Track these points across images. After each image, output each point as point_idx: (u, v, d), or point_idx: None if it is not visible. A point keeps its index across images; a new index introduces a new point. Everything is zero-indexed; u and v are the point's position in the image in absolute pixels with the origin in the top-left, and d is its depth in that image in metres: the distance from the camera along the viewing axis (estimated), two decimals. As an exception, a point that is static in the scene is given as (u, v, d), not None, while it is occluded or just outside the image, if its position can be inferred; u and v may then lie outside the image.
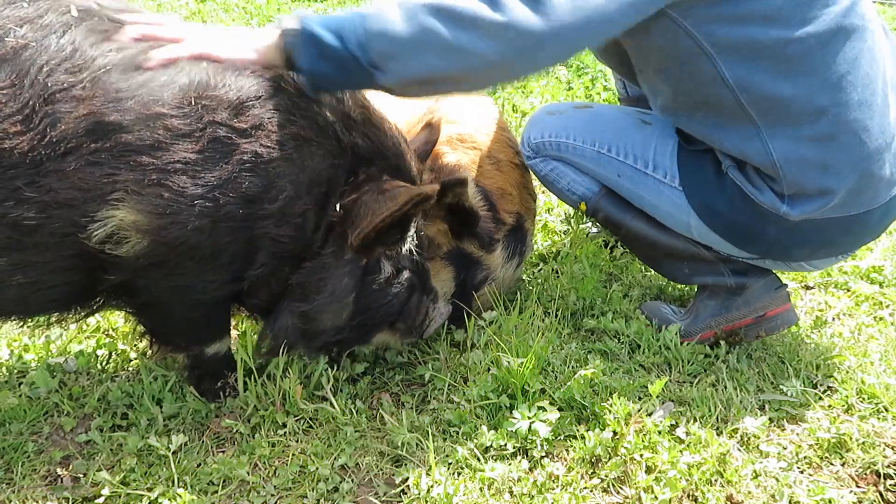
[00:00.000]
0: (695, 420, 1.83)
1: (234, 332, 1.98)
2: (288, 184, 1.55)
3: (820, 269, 2.17)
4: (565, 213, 2.80)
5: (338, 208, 1.64)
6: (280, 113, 1.52)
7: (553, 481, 1.64)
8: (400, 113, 2.07)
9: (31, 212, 1.40)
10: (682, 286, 2.41)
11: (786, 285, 2.14)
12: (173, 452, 1.67)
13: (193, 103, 1.44)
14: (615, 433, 1.71)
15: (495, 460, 1.68)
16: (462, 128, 2.22)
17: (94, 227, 1.43)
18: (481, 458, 1.68)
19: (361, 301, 1.75)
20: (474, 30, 1.42)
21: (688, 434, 1.77)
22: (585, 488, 1.63)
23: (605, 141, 2.13)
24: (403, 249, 1.79)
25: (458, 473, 1.65)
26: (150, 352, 1.90)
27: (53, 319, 1.71)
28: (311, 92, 1.58)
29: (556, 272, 2.46)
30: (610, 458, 1.68)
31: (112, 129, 1.39)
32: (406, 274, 1.83)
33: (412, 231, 1.79)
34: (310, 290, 1.68)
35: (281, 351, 1.77)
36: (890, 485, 1.70)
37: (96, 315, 1.79)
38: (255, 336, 1.92)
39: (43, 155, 1.37)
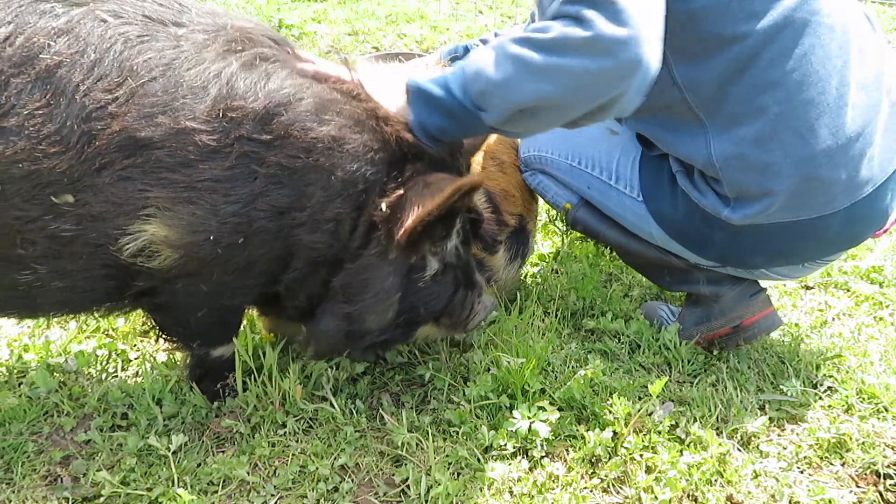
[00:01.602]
0: (695, 420, 1.83)
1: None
2: (317, 190, 1.52)
3: (790, 277, 2.09)
4: (550, 217, 2.80)
5: (383, 207, 1.57)
6: (309, 116, 1.49)
7: (553, 481, 1.64)
8: None
9: (68, 224, 1.41)
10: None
11: (764, 290, 2.10)
12: (173, 452, 1.67)
13: (222, 116, 1.42)
14: (615, 433, 1.71)
15: (495, 460, 1.68)
16: None
17: (125, 241, 1.44)
18: (481, 458, 1.68)
19: (407, 300, 1.70)
20: (564, 49, 1.43)
21: (688, 434, 1.77)
22: (585, 488, 1.63)
23: (576, 153, 2.16)
24: (449, 246, 1.74)
25: (458, 473, 1.65)
26: (155, 343, 1.90)
27: (98, 315, 1.73)
28: (431, 143, 1.62)
29: (556, 272, 2.47)
30: (610, 458, 1.68)
31: (143, 145, 1.39)
32: (452, 270, 1.78)
33: (458, 226, 1.73)
34: (353, 291, 1.63)
35: (328, 354, 1.75)
36: (890, 485, 1.70)
37: (129, 313, 1.80)
38: (256, 336, 1.92)
39: (80, 171, 1.38)
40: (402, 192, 1.58)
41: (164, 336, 1.81)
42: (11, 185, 1.37)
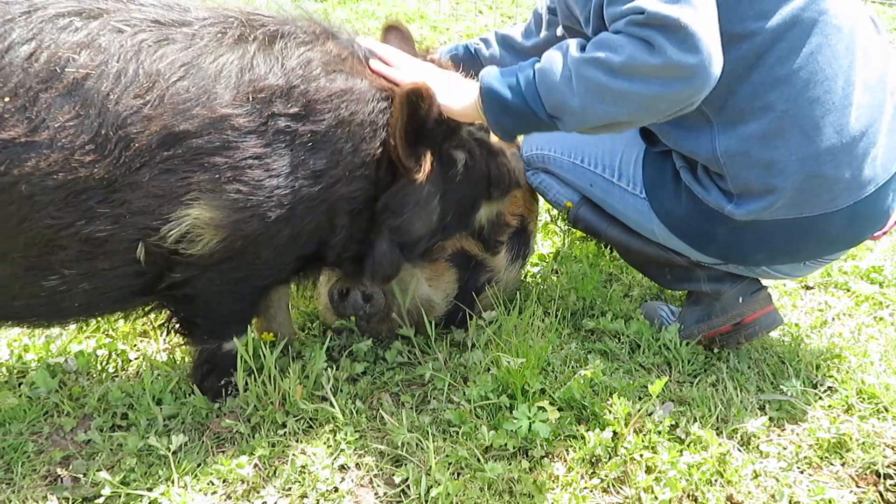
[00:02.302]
0: (695, 420, 1.83)
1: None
2: (345, 143, 1.62)
3: (790, 276, 2.10)
4: (552, 217, 2.81)
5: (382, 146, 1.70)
6: (320, 76, 1.59)
7: (553, 481, 1.64)
8: None
9: (103, 225, 1.46)
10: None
11: (765, 288, 2.11)
12: (173, 452, 1.67)
13: (252, 99, 1.51)
14: (615, 433, 1.71)
15: (495, 460, 1.68)
16: None
17: (167, 228, 1.49)
18: (481, 458, 1.68)
19: (448, 198, 1.84)
20: (636, 74, 1.47)
21: (688, 434, 1.77)
22: (585, 488, 1.63)
23: (579, 151, 2.16)
24: (464, 133, 1.84)
25: (458, 473, 1.65)
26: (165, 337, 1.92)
27: (116, 317, 1.79)
28: (506, 138, 1.74)
29: (556, 272, 2.47)
30: (610, 458, 1.68)
31: (183, 137, 1.46)
32: (477, 150, 1.89)
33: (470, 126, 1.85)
34: (396, 206, 1.76)
35: (391, 274, 1.86)
36: (890, 485, 1.70)
37: (147, 313, 1.83)
38: (257, 335, 1.92)
39: (117, 175, 1.43)
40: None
41: (180, 330, 1.84)
42: (45, 196, 1.41)
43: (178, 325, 1.83)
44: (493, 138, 1.96)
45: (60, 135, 1.38)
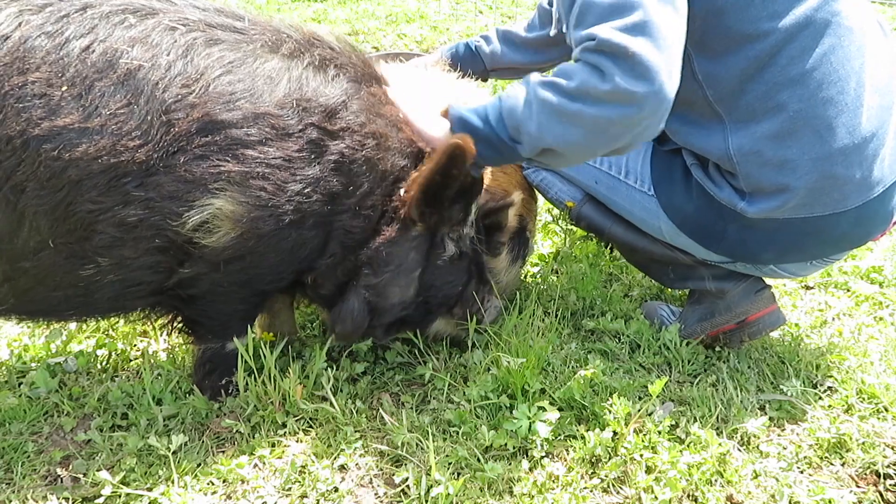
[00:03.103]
0: (695, 420, 1.83)
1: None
2: (365, 180, 1.69)
3: (796, 275, 2.11)
4: (553, 217, 2.80)
5: (402, 191, 1.75)
6: (363, 114, 1.68)
7: (553, 481, 1.64)
8: None
9: (137, 209, 1.52)
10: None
11: (769, 287, 2.12)
12: (173, 452, 1.67)
13: (295, 105, 1.58)
14: (615, 433, 1.71)
15: (495, 460, 1.68)
16: None
17: (190, 215, 1.54)
18: (481, 458, 1.68)
19: (426, 277, 1.85)
20: (586, 98, 1.53)
21: (688, 434, 1.77)
22: (585, 488, 1.63)
23: None
24: (464, 231, 1.88)
25: (458, 473, 1.65)
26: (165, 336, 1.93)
27: (136, 316, 1.82)
28: (473, 170, 1.74)
29: (556, 272, 2.47)
30: (610, 458, 1.68)
31: (222, 125, 1.52)
32: (467, 258, 1.92)
33: (473, 213, 1.87)
34: (378, 263, 1.77)
35: (353, 334, 1.85)
36: (890, 485, 1.70)
37: (161, 314, 1.85)
38: (255, 335, 1.92)
39: (156, 158, 1.49)
40: (417, 174, 1.76)
41: (185, 329, 1.86)
42: (89, 180, 1.46)
43: (182, 325, 1.85)
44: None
45: (111, 122, 1.45)
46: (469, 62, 2.41)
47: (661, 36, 1.50)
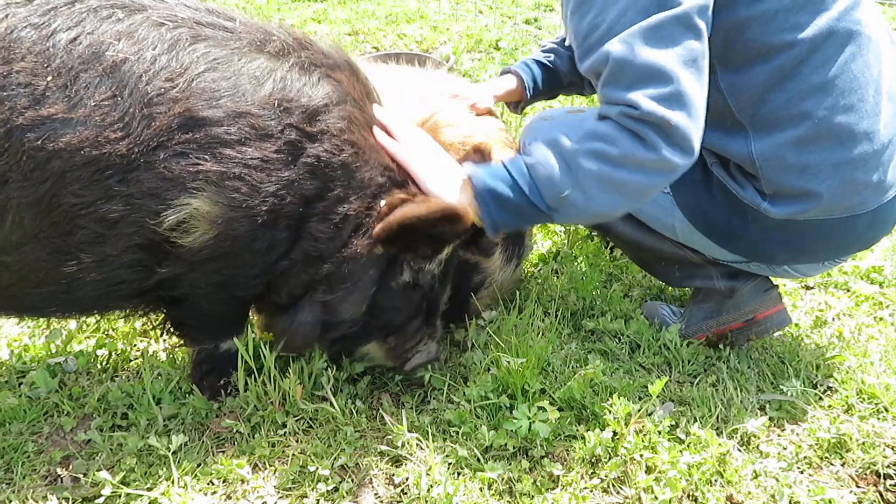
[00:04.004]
0: (695, 420, 1.83)
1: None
2: (338, 185, 1.64)
3: (806, 275, 2.13)
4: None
5: (382, 204, 1.70)
6: (345, 121, 1.64)
7: (553, 481, 1.64)
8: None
9: (118, 205, 1.49)
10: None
11: (776, 286, 2.13)
12: (173, 452, 1.67)
13: (276, 106, 1.55)
14: (615, 433, 1.71)
15: (495, 460, 1.68)
16: (463, 130, 2.22)
17: (168, 214, 1.51)
18: (481, 458, 1.68)
19: (376, 297, 1.78)
20: (633, 166, 1.59)
21: (688, 434, 1.77)
22: (585, 488, 1.63)
23: None
24: (427, 266, 1.81)
25: (458, 473, 1.65)
26: (156, 342, 1.91)
27: (121, 316, 1.81)
28: (493, 234, 1.75)
29: (556, 272, 2.46)
30: (610, 458, 1.68)
31: (203, 122, 1.49)
32: (421, 293, 1.85)
33: (443, 257, 1.82)
34: (337, 279, 1.71)
35: (299, 348, 1.81)
36: (890, 485, 1.70)
37: (147, 313, 1.83)
38: (257, 335, 1.92)
39: (136, 153, 1.47)
40: (404, 196, 1.69)
41: (175, 331, 1.84)
42: (73, 172, 1.45)
43: (171, 327, 1.84)
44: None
45: (95, 112, 1.43)
46: (548, 79, 2.43)
47: (693, 106, 1.57)
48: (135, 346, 2.09)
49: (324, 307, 1.75)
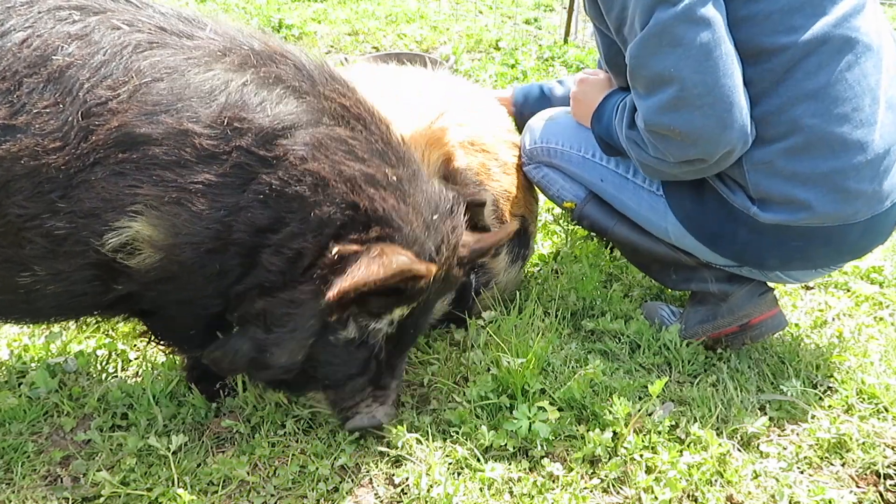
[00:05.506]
0: (695, 420, 1.83)
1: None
2: (294, 218, 1.49)
3: (800, 281, 2.12)
4: (553, 216, 2.80)
5: (334, 252, 1.49)
6: (307, 149, 1.47)
7: (553, 481, 1.64)
8: (409, 116, 2.06)
9: (62, 222, 1.42)
10: (682, 287, 2.41)
11: (772, 290, 2.12)
12: (173, 452, 1.67)
13: (226, 124, 1.42)
14: (615, 433, 1.71)
15: (495, 460, 1.68)
16: (471, 130, 2.22)
17: (109, 236, 1.43)
18: (481, 458, 1.68)
19: (315, 347, 1.60)
20: (664, 164, 1.82)
21: (688, 434, 1.77)
22: (585, 488, 1.63)
23: (590, 145, 2.14)
24: (375, 325, 1.63)
25: (458, 473, 1.65)
26: (151, 346, 1.89)
27: (95, 320, 1.76)
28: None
29: (556, 272, 2.46)
30: (610, 459, 1.68)
31: (140, 140, 1.39)
32: (367, 352, 1.66)
33: (397, 315, 1.64)
34: (273, 320, 1.55)
35: (227, 372, 1.71)
36: (890, 485, 1.70)
37: (124, 319, 1.79)
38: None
39: (75, 167, 1.38)
40: (357, 248, 1.50)
41: (157, 342, 1.80)
42: (16, 183, 1.38)
43: (152, 336, 1.78)
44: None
45: (36, 120, 1.36)
46: (537, 105, 2.44)
47: (707, 101, 1.64)
48: (135, 346, 2.09)
49: (257, 345, 1.57)
